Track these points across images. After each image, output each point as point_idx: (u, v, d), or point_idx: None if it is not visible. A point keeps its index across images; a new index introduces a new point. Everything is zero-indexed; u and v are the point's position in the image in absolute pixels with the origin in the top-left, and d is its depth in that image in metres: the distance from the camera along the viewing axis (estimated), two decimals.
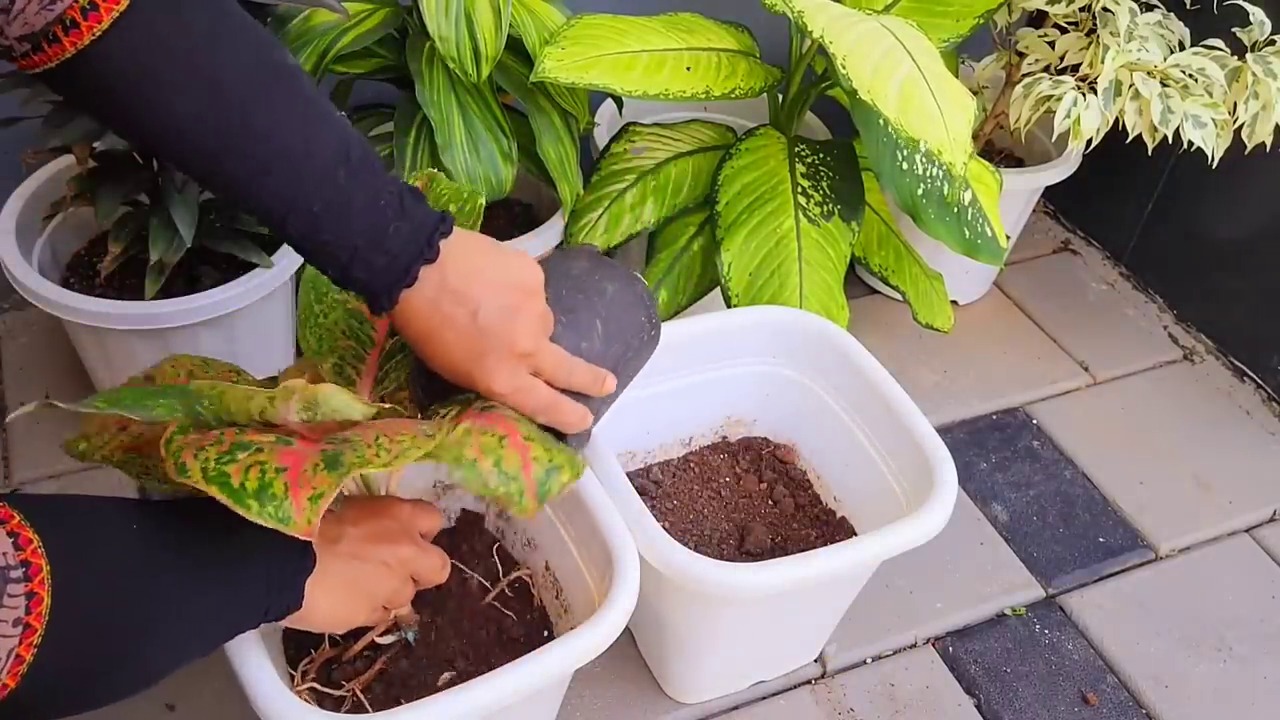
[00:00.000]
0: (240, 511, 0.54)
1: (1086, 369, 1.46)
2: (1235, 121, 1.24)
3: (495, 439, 0.63)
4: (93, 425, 0.72)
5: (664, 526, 0.84)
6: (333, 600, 0.68)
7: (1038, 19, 1.41)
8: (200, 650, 0.62)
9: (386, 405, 0.64)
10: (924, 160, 1.11)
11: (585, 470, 0.68)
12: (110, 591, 0.55)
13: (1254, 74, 1.21)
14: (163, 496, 0.67)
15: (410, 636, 0.86)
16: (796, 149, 1.20)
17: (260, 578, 0.63)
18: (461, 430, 0.63)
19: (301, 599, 0.65)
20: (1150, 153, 1.27)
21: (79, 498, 0.58)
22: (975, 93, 1.46)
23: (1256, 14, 1.25)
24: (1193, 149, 1.21)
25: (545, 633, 0.91)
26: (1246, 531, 1.27)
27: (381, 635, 0.85)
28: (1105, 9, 1.25)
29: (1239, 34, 1.26)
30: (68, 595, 0.51)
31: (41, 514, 0.52)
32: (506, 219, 1.29)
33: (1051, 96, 1.23)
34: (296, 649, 0.85)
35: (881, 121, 0.99)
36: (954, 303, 1.39)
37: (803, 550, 0.90)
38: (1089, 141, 1.23)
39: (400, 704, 0.72)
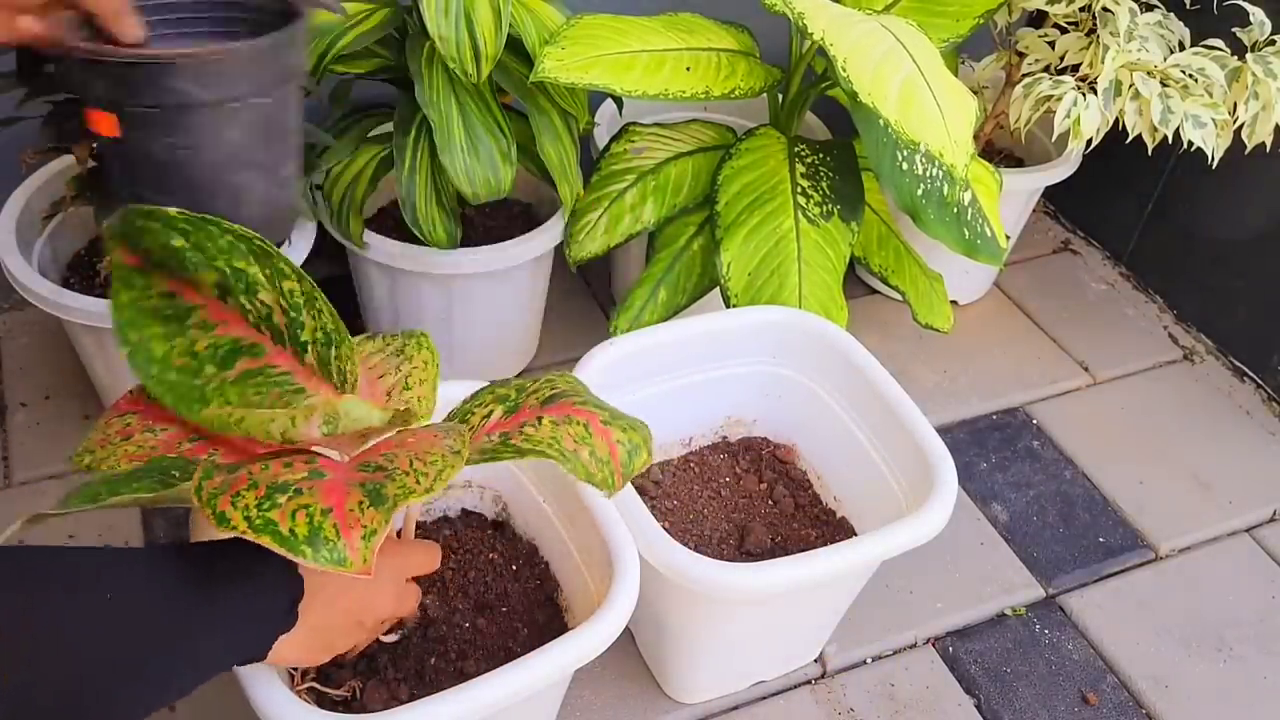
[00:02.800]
0: (295, 559, 0.53)
1: (1086, 369, 1.46)
2: (1235, 121, 1.24)
3: (582, 428, 0.67)
4: (97, 438, 0.71)
5: (664, 526, 0.84)
6: (300, 650, 0.67)
7: (1038, 19, 1.41)
8: (157, 705, 0.60)
9: (402, 408, 0.64)
10: (924, 160, 1.11)
11: (653, 446, 0.70)
12: (57, 662, 0.52)
13: (1254, 74, 1.21)
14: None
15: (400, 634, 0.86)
16: (796, 149, 1.20)
17: (228, 645, 0.62)
18: (549, 424, 0.66)
19: (266, 655, 0.64)
20: (1150, 153, 1.27)
21: (37, 557, 0.56)
22: (975, 93, 1.46)
23: (1256, 14, 1.25)
24: (1193, 149, 1.21)
25: (551, 629, 0.91)
26: (1246, 531, 1.27)
27: (385, 635, 0.85)
28: (1105, 9, 1.25)
29: (1239, 34, 1.26)
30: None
31: None
32: (506, 219, 1.29)
33: (1051, 96, 1.23)
34: None
35: (882, 123, 0.99)
36: (954, 303, 1.39)
37: (803, 550, 0.90)
38: (1089, 141, 1.23)
39: (401, 703, 0.72)
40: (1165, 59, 1.23)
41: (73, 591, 0.56)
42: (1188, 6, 1.33)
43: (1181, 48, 1.28)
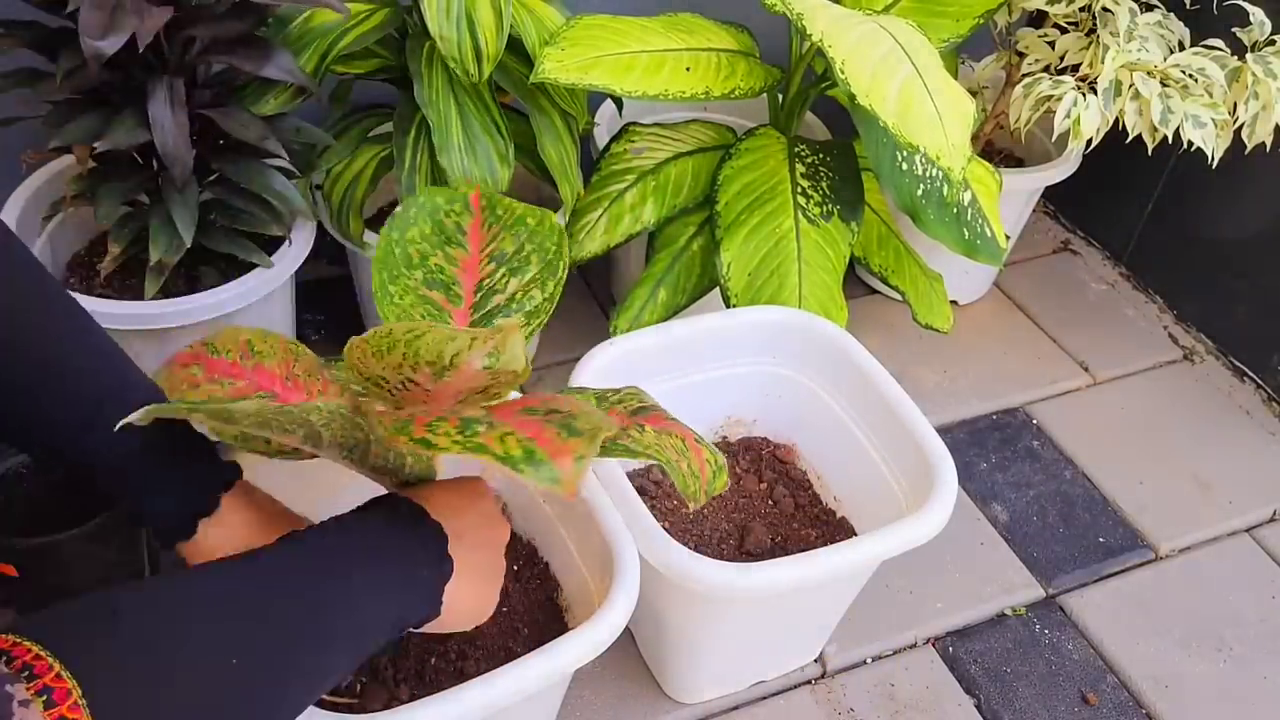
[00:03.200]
0: (516, 475, 0.54)
1: (1086, 369, 1.46)
2: (1235, 121, 1.24)
3: (680, 441, 0.71)
4: (161, 381, 0.74)
5: (664, 526, 0.84)
6: (472, 594, 0.68)
7: (1038, 19, 1.41)
8: (323, 688, 0.60)
9: (529, 368, 0.66)
10: (924, 161, 1.11)
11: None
12: (201, 680, 0.52)
13: (1254, 74, 1.21)
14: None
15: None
16: (796, 149, 1.20)
17: (394, 601, 0.63)
18: (652, 433, 0.70)
19: (440, 606, 0.65)
20: (1150, 153, 1.27)
21: (160, 587, 0.56)
22: (975, 93, 1.46)
23: (1256, 14, 1.25)
24: (1193, 149, 1.21)
25: (551, 629, 0.91)
26: (1246, 531, 1.27)
27: None
28: (1105, 9, 1.25)
29: (1239, 34, 1.26)
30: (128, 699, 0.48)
31: (84, 631, 0.49)
32: None
33: (1051, 96, 1.23)
34: None
35: (880, 124, 0.99)
36: (954, 303, 1.39)
37: (803, 550, 0.90)
38: (1089, 141, 1.23)
39: (401, 703, 0.72)
40: (1165, 59, 1.23)
41: (238, 578, 0.57)
42: (1188, 6, 1.33)
43: (1181, 48, 1.28)
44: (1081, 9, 1.28)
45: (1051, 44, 1.32)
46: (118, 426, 0.57)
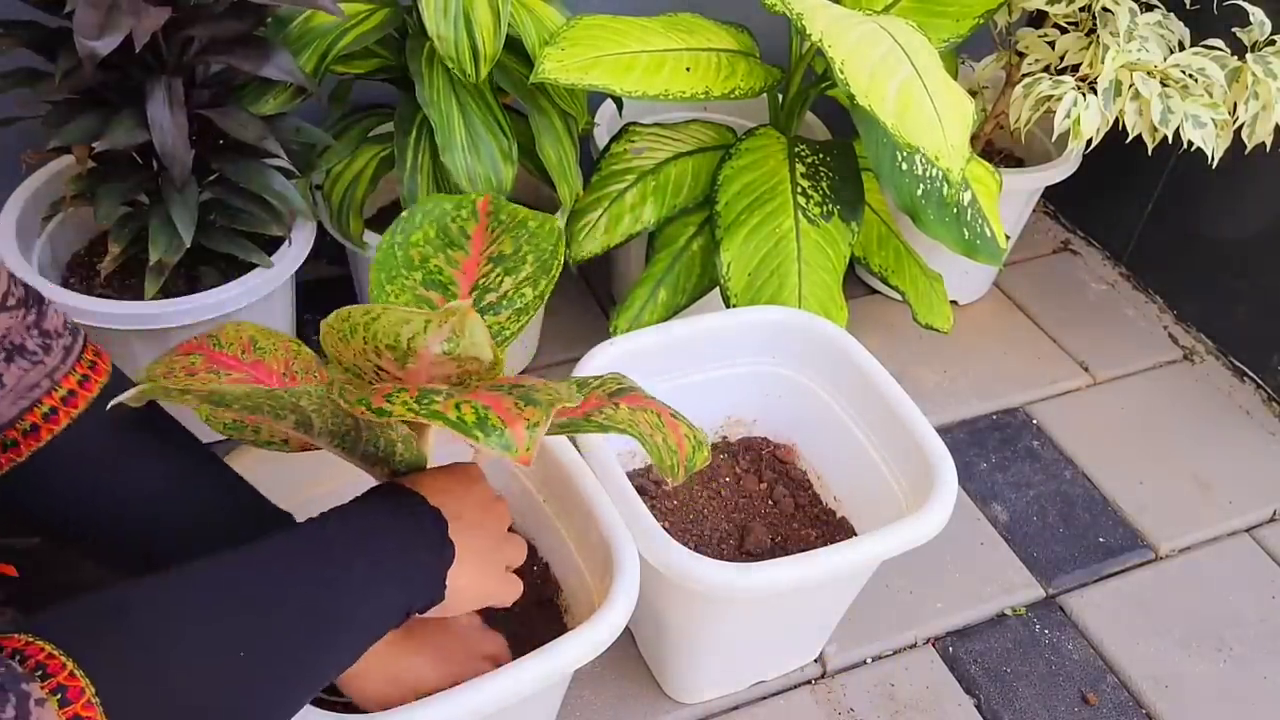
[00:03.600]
0: (467, 439, 0.54)
1: (1086, 369, 1.46)
2: (1235, 121, 1.24)
3: (655, 416, 0.71)
4: (160, 369, 0.74)
5: (664, 526, 0.84)
6: (477, 576, 0.68)
7: (1038, 19, 1.41)
8: (329, 677, 0.61)
9: (501, 358, 0.66)
10: (923, 161, 1.11)
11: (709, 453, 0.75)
12: (206, 670, 0.52)
13: (1254, 74, 1.21)
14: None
15: None
16: (796, 149, 1.20)
17: (398, 586, 0.63)
18: (626, 409, 0.70)
19: (444, 590, 0.65)
20: (1150, 153, 1.27)
21: (169, 577, 0.56)
22: (975, 93, 1.46)
23: (1256, 14, 1.25)
24: (1193, 149, 1.21)
25: (551, 629, 0.91)
26: (1246, 531, 1.27)
27: None
28: (1105, 9, 1.25)
29: (1239, 34, 1.26)
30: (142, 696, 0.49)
31: (94, 629, 0.49)
32: None
33: (1051, 96, 1.23)
34: None
35: (880, 125, 0.99)
36: (954, 303, 1.39)
37: (803, 550, 0.90)
38: (1089, 141, 1.23)
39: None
40: (1165, 59, 1.23)
41: (253, 569, 0.58)
42: (1188, 6, 1.33)
43: (1181, 48, 1.28)
44: (1081, 9, 1.28)
45: (1051, 44, 1.32)
46: (112, 404, 0.59)
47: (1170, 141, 1.21)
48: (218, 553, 0.58)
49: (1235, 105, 1.23)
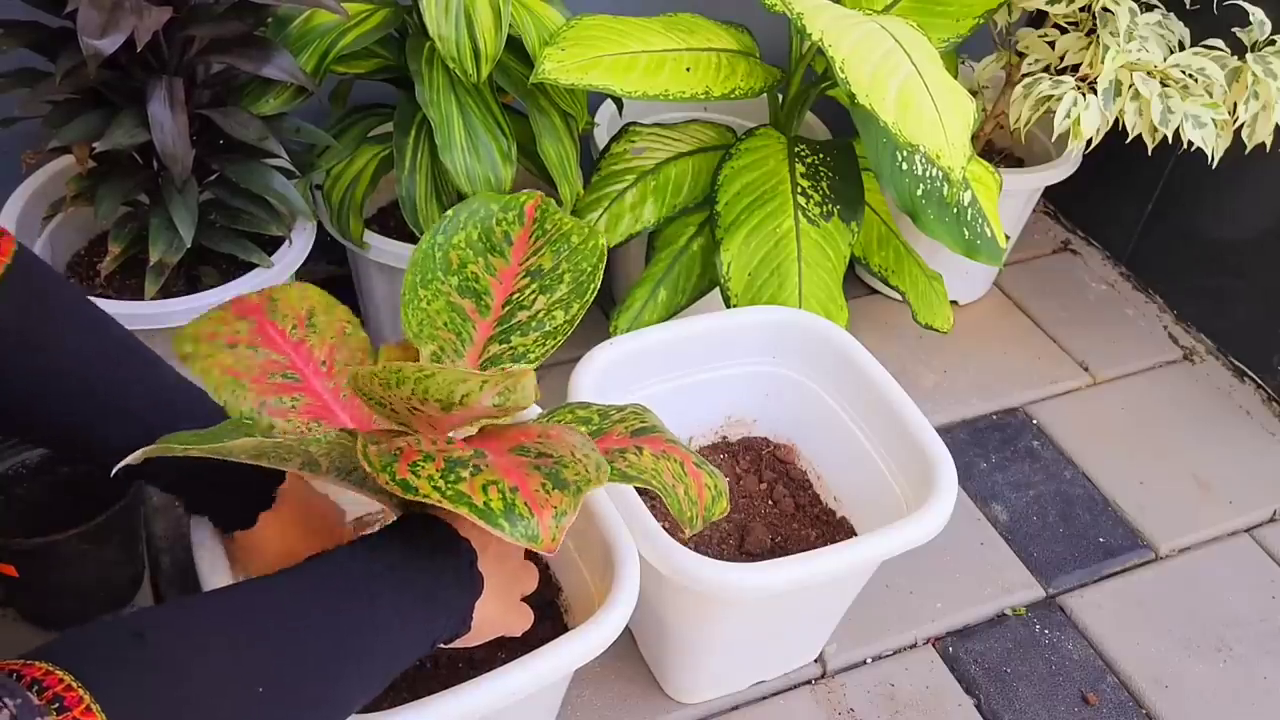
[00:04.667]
0: (494, 531, 0.54)
1: (1086, 369, 1.46)
2: (1235, 121, 1.24)
3: (679, 465, 0.71)
4: (206, 329, 0.75)
5: (664, 527, 0.84)
6: (500, 608, 0.68)
7: (1038, 19, 1.41)
8: (351, 709, 0.60)
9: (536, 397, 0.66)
10: (923, 161, 1.11)
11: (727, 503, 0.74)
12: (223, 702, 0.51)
13: (1254, 74, 1.21)
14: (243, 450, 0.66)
15: None
16: (796, 149, 1.20)
17: (425, 620, 0.62)
18: (650, 456, 0.70)
19: (470, 623, 0.65)
20: (1150, 153, 1.27)
21: (206, 604, 0.56)
22: (975, 93, 1.46)
23: (1256, 14, 1.25)
24: (1193, 149, 1.21)
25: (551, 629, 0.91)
26: (1246, 531, 1.27)
27: None
28: (1105, 9, 1.25)
29: (1239, 34, 1.26)
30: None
31: (116, 658, 0.48)
32: None
33: (1051, 96, 1.23)
34: None
35: (880, 124, 0.99)
36: (954, 303, 1.39)
37: (803, 550, 0.90)
38: (1089, 141, 1.23)
39: (404, 701, 0.72)
40: (1165, 59, 1.23)
41: (285, 595, 0.57)
42: (1188, 6, 1.33)
43: (1181, 48, 1.28)
44: (1081, 9, 1.28)
45: (1051, 44, 1.32)
46: (115, 470, 0.57)
47: (1170, 141, 1.21)
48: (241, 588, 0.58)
49: (1235, 105, 1.23)
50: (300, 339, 0.76)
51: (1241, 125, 1.23)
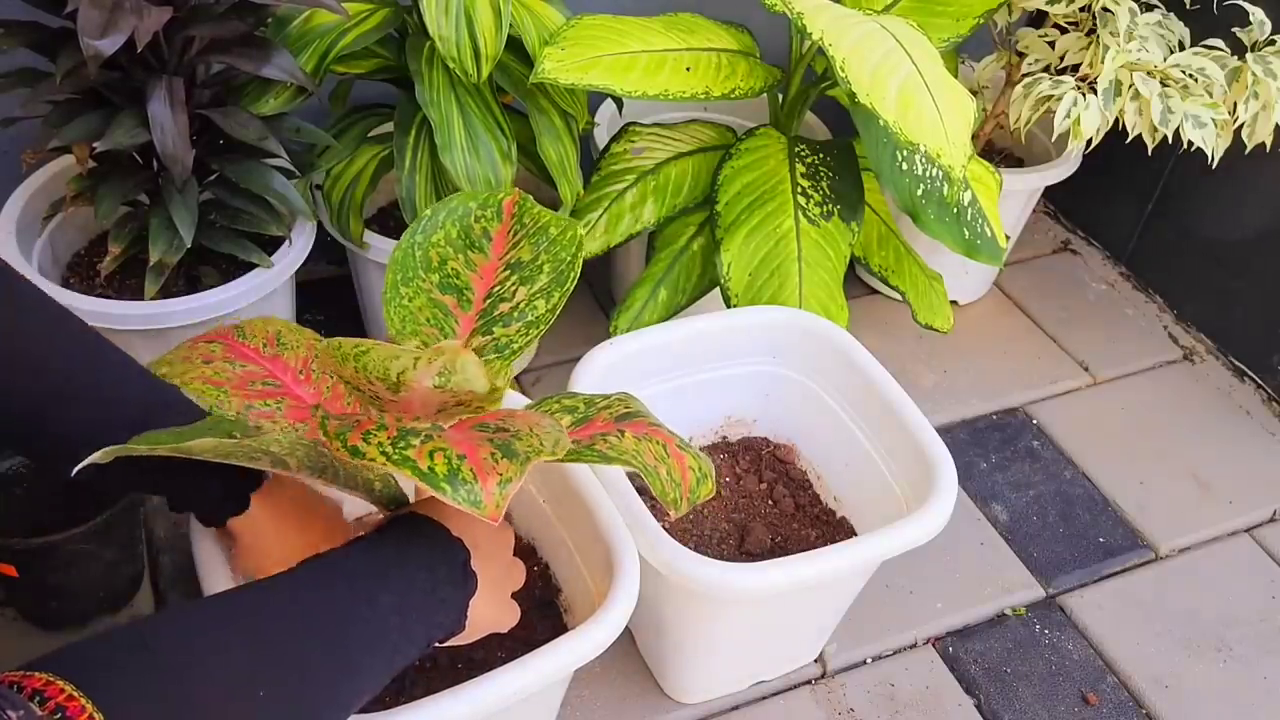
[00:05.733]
0: (435, 493, 0.54)
1: (1086, 369, 1.46)
2: (1235, 121, 1.24)
3: (661, 447, 0.71)
4: (180, 354, 0.75)
5: (664, 526, 0.84)
6: (494, 604, 0.68)
7: (1038, 19, 1.41)
8: (351, 710, 0.60)
9: (500, 385, 0.65)
10: (924, 161, 1.11)
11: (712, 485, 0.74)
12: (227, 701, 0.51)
13: (1254, 74, 1.21)
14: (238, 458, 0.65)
15: None
16: (796, 149, 1.20)
17: (422, 620, 0.63)
18: (631, 438, 0.70)
19: (465, 621, 0.65)
20: (1150, 153, 1.27)
21: (190, 612, 0.55)
22: (975, 93, 1.46)
23: (1256, 14, 1.25)
24: (1193, 149, 1.21)
25: (551, 629, 0.91)
26: (1246, 531, 1.27)
27: None
28: (1105, 9, 1.25)
29: (1239, 34, 1.26)
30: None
31: (121, 665, 0.48)
32: None
33: (1051, 96, 1.23)
34: None
35: (881, 123, 0.99)
36: (954, 303, 1.39)
37: (803, 550, 0.90)
38: (1089, 141, 1.23)
39: (403, 701, 0.72)
40: (1165, 59, 1.23)
41: (282, 599, 0.57)
42: (1188, 6, 1.33)
43: (1181, 48, 1.28)
44: (1081, 9, 1.28)
45: (1051, 44, 1.32)
46: (76, 470, 0.57)
47: (1170, 141, 1.21)
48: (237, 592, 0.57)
49: (1235, 105, 1.23)
50: (273, 354, 0.77)
51: (1241, 125, 1.23)
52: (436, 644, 0.65)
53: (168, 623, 0.54)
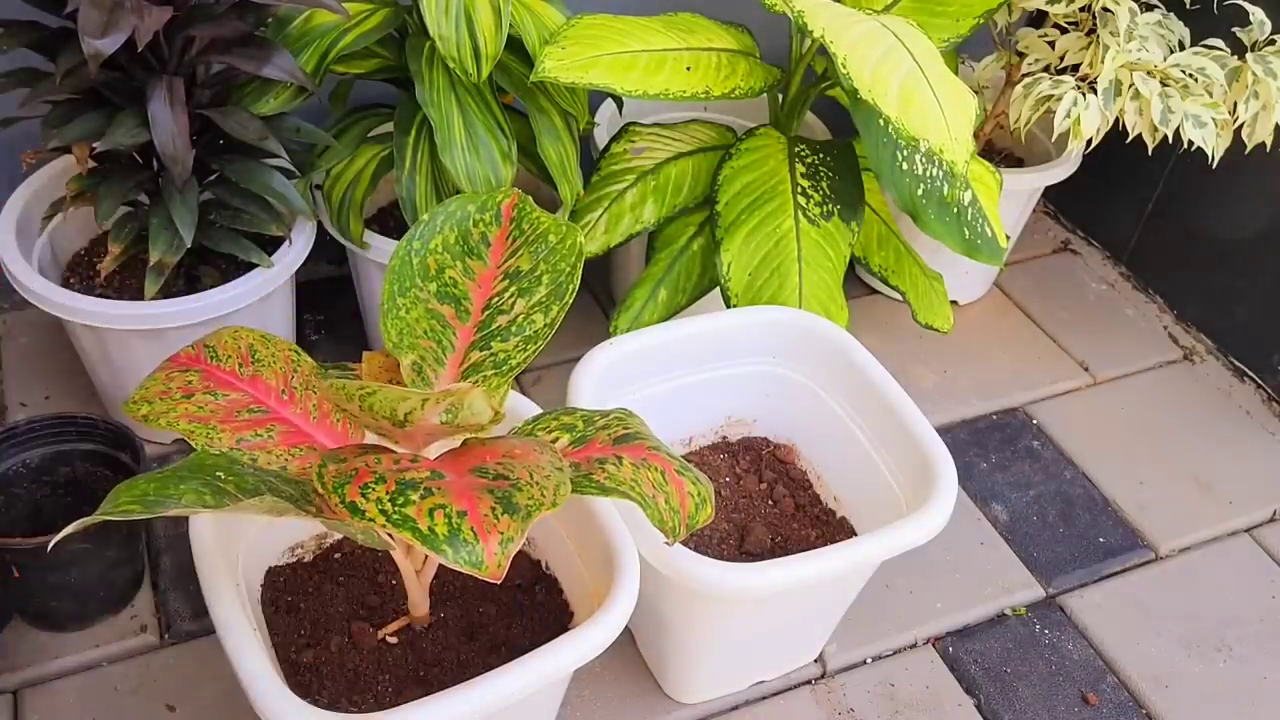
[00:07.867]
0: (435, 556, 0.54)
1: (1086, 369, 1.46)
2: (1235, 121, 1.24)
3: (659, 474, 0.70)
4: (156, 389, 0.74)
5: None
6: None
7: (1038, 19, 1.41)
8: None
9: (501, 411, 0.65)
10: (924, 160, 1.11)
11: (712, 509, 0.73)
12: None
13: (1254, 74, 1.21)
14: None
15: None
16: (796, 149, 1.20)
17: None
18: (629, 466, 0.69)
19: None
20: (1150, 153, 1.27)
21: None
22: (975, 93, 1.45)
23: (1256, 14, 1.25)
24: (1193, 149, 1.21)
25: (552, 629, 0.91)
26: (1246, 531, 1.27)
27: (391, 634, 0.85)
28: (1105, 9, 1.25)
29: (1239, 34, 1.26)
30: None
31: None
32: None
33: (1051, 96, 1.23)
34: (296, 647, 0.85)
35: (882, 121, 0.99)
36: (954, 303, 1.39)
37: (803, 550, 0.90)
38: (1089, 141, 1.23)
39: (404, 701, 0.72)
40: (1165, 59, 1.23)
41: None
42: (1188, 6, 1.33)
43: (1181, 47, 1.28)
44: (1081, 9, 1.28)
45: (1051, 44, 1.32)
46: (53, 544, 0.57)
47: (1170, 141, 1.21)
48: None
49: (1235, 105, 1.23)
50: (252, 375, 0.76)
51: (1241, 125, 1.23)
52: None
53: None
